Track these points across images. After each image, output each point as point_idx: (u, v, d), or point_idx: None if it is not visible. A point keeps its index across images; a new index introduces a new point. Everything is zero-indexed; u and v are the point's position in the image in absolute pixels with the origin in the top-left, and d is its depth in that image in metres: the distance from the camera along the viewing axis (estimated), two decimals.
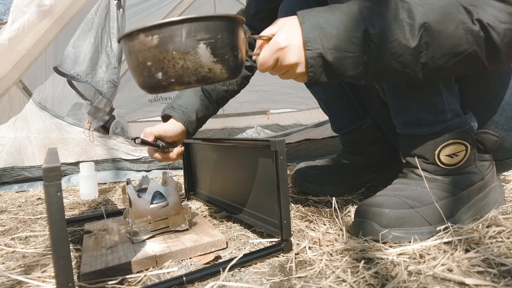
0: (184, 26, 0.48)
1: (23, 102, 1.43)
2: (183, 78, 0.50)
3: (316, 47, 0.54)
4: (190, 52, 0.49)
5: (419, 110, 0.65)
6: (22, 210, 1.04)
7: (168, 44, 0.48)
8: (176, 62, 0.49)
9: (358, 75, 0.57)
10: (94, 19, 1.42)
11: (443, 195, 0.63)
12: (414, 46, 0.53)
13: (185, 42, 0.48)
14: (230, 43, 0.51)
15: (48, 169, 0.39)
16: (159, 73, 0.50)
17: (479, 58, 0.55)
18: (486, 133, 0.66)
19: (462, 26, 0.53)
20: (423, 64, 0.55)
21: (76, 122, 1.48)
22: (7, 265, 0.61)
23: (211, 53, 0.50)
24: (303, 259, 0.56)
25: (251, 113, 3.37)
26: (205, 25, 0.49)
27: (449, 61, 0.55)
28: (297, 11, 0.58)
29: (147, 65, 0.50)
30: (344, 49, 0.55)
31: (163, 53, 0.49)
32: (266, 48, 0.57)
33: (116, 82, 1.46)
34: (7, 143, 1.39)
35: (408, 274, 0.48)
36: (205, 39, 0.49)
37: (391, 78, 0.61)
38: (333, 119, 1.01)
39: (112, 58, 1.46)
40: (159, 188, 0.69)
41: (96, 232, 0.72)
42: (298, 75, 0.58)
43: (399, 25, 0.53)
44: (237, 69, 0.54)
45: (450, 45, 0.54)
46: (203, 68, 0.50)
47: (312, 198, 0.92)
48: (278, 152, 0.58)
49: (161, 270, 0.55)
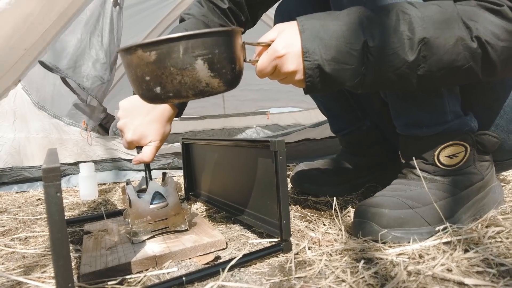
0: (182, 43, 0.48)
1: (22, 102, 1.43)
2: (180, 92, 0.51)
3: (314, 58, 0.54)
4: (187, 68, 0.49)
5: (419, 111, 0.65)
6: (21, 210, 1.04)
7: (166, 60, 0.48)
8: (174, 77, 0.49)
9: (355, 85, 0.57)
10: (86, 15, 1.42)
11: (442, 195, 0.63)
12: (412, 60, 0.53)
13: (183, 59, 0.48)
14: (227, 57, 0.51)
15: (47, 170, 0.39)
16: (157, 88, 0.50)
17: (474, 73, 0.56)
18: (486, 134, 0.66)
19: (461, 42, 0.53)
20: (419, 76, 0.55)
21: (74, 122, 1.48)
22: (6, 265, 0.61)
23: (208, 68, 0.50)
24: (302, 259, 0.56)
25: (251, 113, 3.37)
26: (202, 41, 0.49)
27: (445, 74, 0.55)
28: (293, 14, 0.57)
29: (145, 79, 0.50)
30: (342, 61, 0.54)
31: (161, 69, 0.49)
32: (264, 55, 0.57)
33: (105, 78, 1.43)
34: (6, 143, 1.39)
35: (408, 274, 0.48)
36: (203, 54, 0.49)
37: (387, 88, 0.61)
38: (332, 121, 1.01)
39: (101, 54, 1.44)
40: (159, 189, 0.69)
41: (96, 232, 0.72)
42: (296, 82, 0.58)
43: (399, 38, 0.53)
44: (235, 80, 0.54)
45: (447, 60, 0.54)
46: (200, 83, 0.50)
47: (311, 199, 0.92)
48: (277, 152, 0.58)
49: (161, 271, 0.55)
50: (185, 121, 3.22)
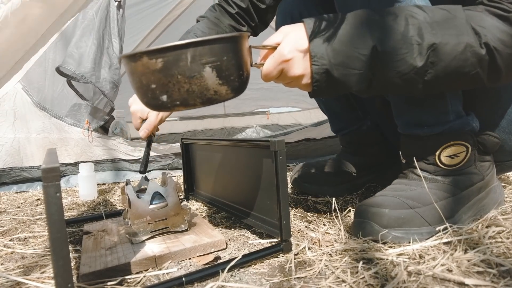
0: (189, 50, 0.47)
1: (22, 102, 1.43)
2: (188, 101, 0.49)
3: (322, 63, 0.53)
4: (195, 76, 0.48)
5: (421, 110, 0.65)
6: (21, 210, 1.04)
7: (173, 68, 0.47)
8: (181, 86, 0.48)
9: (361, 90, 0.57)
10: (95, 20, 1.42)
11: (443, 195, 0.63)
12: (420, 66, 0.53)
13: (191, 67, 0.47)
14: (235, 64, 0.50)
15: (47, 170, 0.39)
16: (164, 96, 0.49)
17: (480, 78, 0.55)
18: (487, 134, 0.66)
19: (469, 49, 0.52)
20: (425, 81, 0.55)
21: (76, 123, 1.48)
22: (6, 266, 0.61)
23: (216, 76, 0.48)
24: (302, 260, 0.56)
25: (251, 113, 3.37)
26: (210, 48, 0.47)
27: (451, 80, 0.55)
28: (295, 14, 0.57)
29: (151, 87, 0.49)
30: (350, 66, 0.54)
31: (168, 77, 0.47)
32: (270, 59, 0.56)
33: (118, 82, 1.46)
34: (6, 143, 1.39)
35: (408, 275, 0.48)
36: (211, 62, 0.48)
37: (392, 92, 0.61)
38: (333, 120, 1.01)
39: (114, 59, 1.46)
40: (158, 189, 0.69)
41: (96, 233, 0.72)
42: (302, 86, 0.57)
43: (408, 44, 0.52)
44: (242, 86, 0.53)
45: (455, 66, 0.53)
46: (208, 91, 0.49)
47: (311, 199, 0.92)
48: (277, 152, 0.58)
49: (161, 271, 0.55)
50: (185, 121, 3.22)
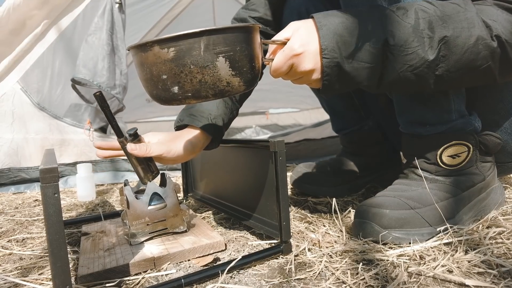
0: (203, 39, 0.45)
1: (21, 103, 1.42)
2: (200, 92, 0.48)
3: (334, 56, 0.53)
4: (208, 66, 0.46)
5: (424, 108, 0.64)
6: (19, 212, 1.03)
7: (186, 57, 0.46)
8: (194, 76, 0.47)
9: (372, 84, 0.57)
10: (103, 24, 1.41)
11: (444, 195, 0.62)
12: (432, 59, 0.53)
13: (204, 56, 0.46)
14: (248, 55, 0.49)
15: (45, 171, 0.39)
16: (175, 87, 0.48)
17: (491, 73, 0.55)
18: (489, 135, 0.66)
19: (481, 41, 0.52)
20: (437, 76, 0.55)
21: (75, 123, 1.47)
22: (3, 267, 0.61)
23: (229, 66, 0.48)
24: (302, 261, 0.56)
25: (250, 113, 3.37)
26: (224, 37, 0.46)
27: (463, 74, 0.55)
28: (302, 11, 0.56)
29: (161, 78, 0.47)
30: (362, 59, 0.53)
31: (180, 67, 0.46)
32: (280, 54, 0.55)
33: (126, 85, 1.47)
34: (4, 144, 1.38)
35: (408, 276, 0.48)
36: (224, 51, 0.47)
37: (404, 88, 0.60)
38: (335, 119, 1.01)
39: (123, 63, 1.47)
40: (157, 190, 0.68)
41: (94, 234, 0.71)
42: (312, 81, 0.56)
43: (419, 37, 0.52)
44: (254, 79, 0.52)
45: (467, 59, 0.53)
46: (221, 82, 0.48)
47: (311, 200, 0.92)
48: (277, 153, 0.57)
49: (159, 273, 0.55)
50: None
